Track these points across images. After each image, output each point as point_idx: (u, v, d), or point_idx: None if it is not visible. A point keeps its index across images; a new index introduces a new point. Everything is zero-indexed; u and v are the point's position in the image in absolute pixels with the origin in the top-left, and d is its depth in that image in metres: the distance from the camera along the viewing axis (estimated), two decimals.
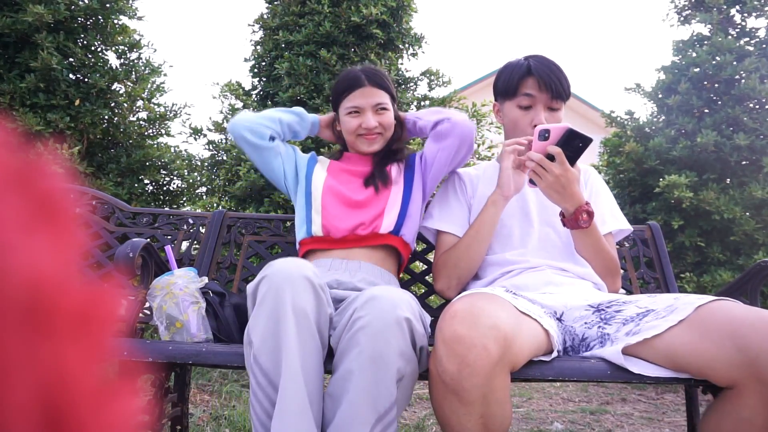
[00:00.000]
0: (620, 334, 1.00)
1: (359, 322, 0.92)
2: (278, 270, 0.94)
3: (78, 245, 0.19)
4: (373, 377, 0.88)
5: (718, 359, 0.85)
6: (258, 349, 0.90)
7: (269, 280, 0.94)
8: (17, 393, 0.16)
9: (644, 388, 2.74)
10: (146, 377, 1.21)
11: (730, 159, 3.03)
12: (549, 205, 1.31)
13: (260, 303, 0.93)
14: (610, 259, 1.27)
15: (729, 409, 0.86)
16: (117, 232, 1.65)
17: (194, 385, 2.30)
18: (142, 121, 3.03)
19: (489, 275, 1.29)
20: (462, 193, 1.40)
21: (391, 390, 0.88)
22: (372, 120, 1.37)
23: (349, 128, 1.40)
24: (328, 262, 1.28)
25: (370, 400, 0.87)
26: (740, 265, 2.93)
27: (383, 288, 0.99)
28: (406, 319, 0.92)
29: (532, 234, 1.29)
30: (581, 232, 1.23)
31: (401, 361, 0.90)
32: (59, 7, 2.52)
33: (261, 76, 3.47)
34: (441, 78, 3.44)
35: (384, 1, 3.21)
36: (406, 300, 0.96)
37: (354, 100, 1.38)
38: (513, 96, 1.30)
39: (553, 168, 1.12)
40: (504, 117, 1.36)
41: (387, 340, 0.89)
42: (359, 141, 1.41)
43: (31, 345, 0.17)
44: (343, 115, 1.42)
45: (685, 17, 3.66)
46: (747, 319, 0.85)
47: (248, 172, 2.87)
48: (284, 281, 0.92)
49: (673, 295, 1.02)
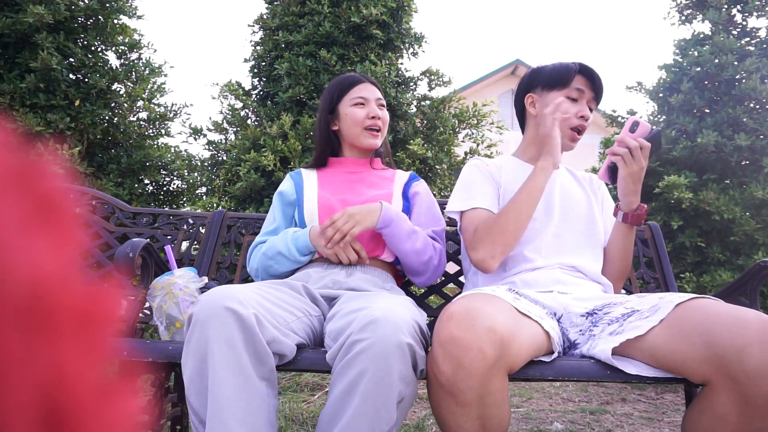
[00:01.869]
0: (604, 334, 1.01)
1: (359, 345, 0.88)
2: (203, 305, 0.91)
3: (78, 245, 0.19)
4: (374, 402, 0.85)
5: (690, 357, 0.86)
6: (188, 389, 0.88)
7: (195, 316, 0.90)
8: (17, 393, 0.17)
9: (644, 388, 2.74)
10: (146, 377, 1.21)
11: (730, 159, 3.03)
12: (568, 205, 1.33)
13: (187, 341, 0.90)
14: (630, 262, 1.33)
15: (705, 407, 0.87)
16: (117, 232, 1.65)
17: None
18: (142, 122, 3.03)
19: (501, 271, 1.28)
20: (490, 176, 1.38)
21: (391, 414, 0.86)
22: (377, 110, 1.41)
23: (356, 119, 1.40)
24: (325, 265, 1.27)
25: (369, 424, 0.84)
26: (740, 265, 2.93)
27: (383, 308, 0.94)
28: (408, 344, 0.88)
29: (549, 229, 1.30)
30: (629, 231, 1.29)
31: (402, 385, 0.87)
32: (59, 7, 2.52)
33: (261, 76, 3.47)
34: (441, 78, 3.44)
35: (384, 1, 3.21)
36: (408, 321, 0.92)
37: (360, 91, 1.42)
38: (563, 87, 1.34)
39: (641, 159, 1.17)
40: (543, 107, 1.37)
41: (389, 365, 0.86)
42: (364, 135, 1.40)
43: (31, 345, 0.17)
44: (348, 107, 1.41)
45: (686, 16, 3.66)
46: (716, 317, 0.86)
47: (248, 173, 2.87)
48: (208, 317, 0.88)
49: (659, 295, 1.03)
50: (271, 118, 3.16)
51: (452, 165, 3.36)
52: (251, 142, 3.03)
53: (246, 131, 3.07)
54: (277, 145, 2.87)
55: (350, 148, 1.47)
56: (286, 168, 2.92)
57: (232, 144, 3.20)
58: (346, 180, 1.42)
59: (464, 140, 3.58)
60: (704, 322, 0.86)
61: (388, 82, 3.16)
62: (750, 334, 0.81)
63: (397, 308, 0.94)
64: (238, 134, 3.30)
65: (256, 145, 3.01)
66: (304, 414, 1.99)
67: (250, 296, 0.95)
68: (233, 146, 3.14)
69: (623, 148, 1.18)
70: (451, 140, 3.35)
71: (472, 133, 3.52)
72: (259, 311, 0.93)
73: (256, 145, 3.01)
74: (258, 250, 1.36)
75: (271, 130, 2.93)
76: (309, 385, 2.44)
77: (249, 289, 0.99)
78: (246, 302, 0.92)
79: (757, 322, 0.82)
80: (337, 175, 1.43)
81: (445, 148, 3.29)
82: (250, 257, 1.38)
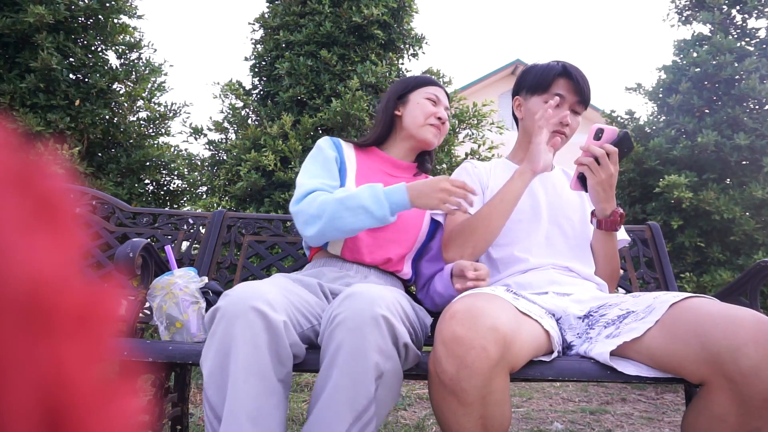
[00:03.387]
0: (601, 337, 1.01)
1: (336, 319, 0.90)
2: (231, 302, 0.90)
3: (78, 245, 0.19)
4: (350, 374, 0.85)
5: (687, 358, 0.86)
6: (206, 382, 0.88)
7: (222, 311, 0.90)
8: (17, 393, 0.17)
9: (644, 388, 2.74)
10: (146, 377, 1.21)
11: (730, 159, 3.03)
12: (558, 206, 1.33)
13: (211, 334, 0.90)
14: (617, 264, 1.32)
15: (703, 406, 0.87)
16: (117, 232, 1.65)
17: (194, 385, 2.30)
18: (142, 121, 3.03)
19: (495, 273, 1.29)
20: (477, 178, 1.39)
21: (369, 387, 0.86)
22: (444, 114, 1.40)
23: (425, 110, 1.37)
24: (339, 264, 1.26)
25: (347, 398, 0.85)
26: (740, 265, 2.93)
27: (364, 285, 0.96)
28: (383, 316, 0.88)
29: (539, 231, 1.30)
30: (607, 236, 1.27)
31: (379, 357, 0.87)
32: (59, 7, 2.52)
33: (261, 75, 3.47)
34: (441, 78, 3.44)
35: (385, 1, 3.21)
36: (386, 297, 0.93)
37: (436, 92, 1.41)
38: (543, 92, 1.32)
39: (608, 166, 1.15)
40: (527, 111, 1.37)
41: (363, 336, 0.86)
42: (426, 129, 1.37)
43: (31, 345, 0.17)
44: (419, 99, 1.39)
45: (685, 17, 3.66)
46: (711, 317, 0.86)
47: (249, 173, 2.87)
48: (235, 315, 0.88)
49: (654, 294, 1.03)
50: (271, 117, 3.16)
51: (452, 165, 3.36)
52: (251, 142, 3.03)
53: (246, 131, 3.07)
54: (278, 145, 2.87)
55: (403, 140, 1.41)
56: (287, 168, 2.92)
57: (232, 144, 3.20)
58: (388, 185, 1.33)
59: (464, 140, 3.58)
60: (699, 323, 0.87)
61: (388, 83, 3.16)
62: (745, 334, 0.81)
63: (377, 288, 0.95)
64: (239, 134, 3.30)
65: (257, 145, 3.01)
66: (304, 414, 1.99)
67: (279, 300, 0.95)
68: (234, 146, 3.14)
69: (589, 158, 1.16)
70: (451, 140, 3.35)
71: (472, 134, 3.52)
72: (288, 316, 0.94)
73: (257, 144, 3.01)
74: (323, 195, 1.17)
75: (272, 130, 2.93)
76: (309, 385, 2.44)
77: (277, 290, 0.98)
78: (276, 305, 0.92)
79: (751, 321, 0.83)
80: (376, 174, 1.37)
81: (446, 148, 3.29)
82: (303, 202, 1.18)
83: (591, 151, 1.16)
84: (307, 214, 1.16)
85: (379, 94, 3.13)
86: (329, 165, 1.30)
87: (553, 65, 1.33)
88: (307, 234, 1.18)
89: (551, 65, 1.34)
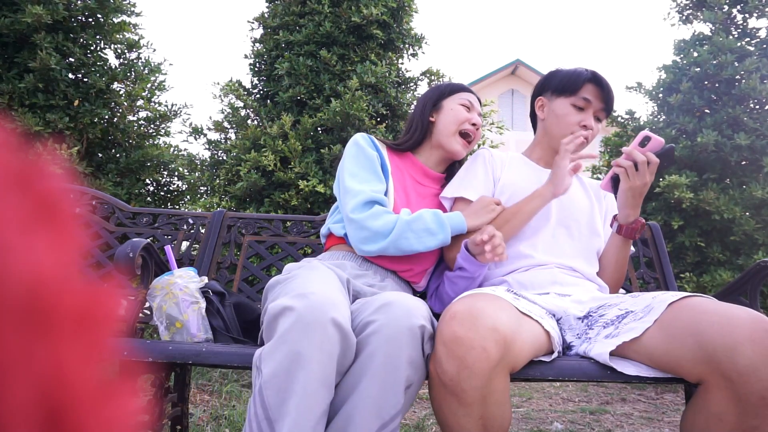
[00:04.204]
0: (600, 337, 1.01)
1: (372, 326, 0.89)
2: (310, 307, 0.87)
3: (78, 245, 0.19)
4: (382, 383, 0.86)
5: (684, 357, 0.87)
6: (266, 381, 0.85)
7: (298, 315, 0.86)
8: (17, 393, 0.16)
9: (644, 388, 2.74)
10: (146, 377, 1.21)
11: (730, 159, 3.03)
12: (568, 209, 1.33)
13: (281, 336, 0.86)
14: (623, 274, 1.34)
15: (700, 405, 0.87)
16: (117, 232, 1.64)
17: (194, 385, 2.30)
18: (141, 121, 3.03)
19: (499, 267, 1.29)
20: (491, 169, 1.39)
21: (398, 398, 0.86)
22: (478, 119, 1.39)
23: (458, 116, 1.36)
24: (358, 262, 1.25)
25: (375, 406, 0.85)
26: (740, 265, 2.93)
27: (398, 294, 0.97)
28: (420, 326, 0.89)
29: (546, 230, 1.30)
30: (623, 242, 1.28)
31: (410, 370, 0.88)
32: (58, 7, 2.52)
33: (261, 75, 3.47)
34: (441, 78, 3.44)
35: (384, 1, 3.21)
36: (421, 307, 0.94)
37: (469, 97, 1.41)
38: (571, 94, 1.33)
39: (646, 174, 1.15)
40: (550, 112, 1.37)
41: (399, 346, 0.87)
42: (455, 139, 1.36)
43: (30, 345, 0.17)
44: (454, 104, 1.39)
45: (686, 17, 3.66)
46: (707, 316, 0.86)
47: (249, 173, 2.87)
48: (313, 324, 0.85)
49: (652, 294, 1.03)
50: (271, 118, 3.16)
51: None
52: (251, 142, 3.03)
53: (246, 131, 3.07)
54: (278, 145, 2.87)
55: (433, 148, 1.41)
56: (286, 168, 2.92)
57: (232, 144, 3.20)
58: (416, 193, 1.36)
59: None
60: (696, 322, 0.87)
61: (388, 83, 3.16)
62: (741, 332, 0.82)
63: (412, 298, 0.97)
64: (239, 134, 3.29)
65: (257, 145, 3.01)
66: None
67: (347, 313, 0.93)
68: (233, 146, 3.14)
69: (629, 162, 1.16)
70: None
71: None
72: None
73: (257, 144, 3.01)
74: (388, 214, 1.19)
75: (272, 130, 2.93)
76: None
77: (343, 297, 0.98)
78: (348, 317, 0.92)
79: (747, 320, 0.83)
80: (406, 180, 1.37)
81: None
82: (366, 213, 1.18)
83: (633, 156, 1.16)
84: (371, 230, 1.17)
85: (379, 94, 3.13)
86: (374, 167, 1.29)
87: (582, 71, 1.34)
88: (364, 248, 1.19)
89: (580, 70, 1.35)
